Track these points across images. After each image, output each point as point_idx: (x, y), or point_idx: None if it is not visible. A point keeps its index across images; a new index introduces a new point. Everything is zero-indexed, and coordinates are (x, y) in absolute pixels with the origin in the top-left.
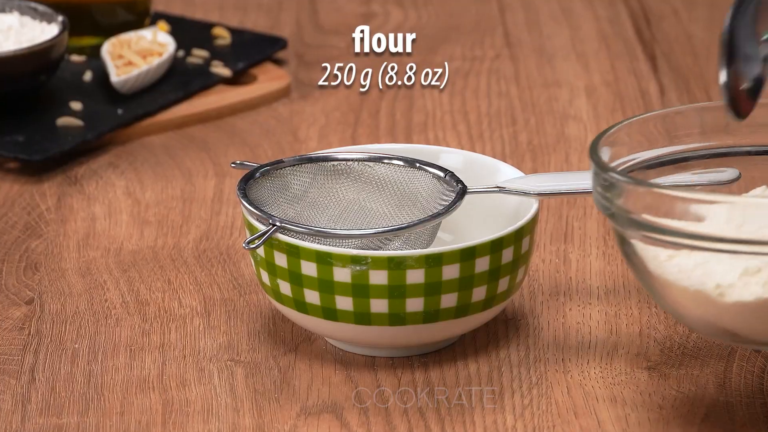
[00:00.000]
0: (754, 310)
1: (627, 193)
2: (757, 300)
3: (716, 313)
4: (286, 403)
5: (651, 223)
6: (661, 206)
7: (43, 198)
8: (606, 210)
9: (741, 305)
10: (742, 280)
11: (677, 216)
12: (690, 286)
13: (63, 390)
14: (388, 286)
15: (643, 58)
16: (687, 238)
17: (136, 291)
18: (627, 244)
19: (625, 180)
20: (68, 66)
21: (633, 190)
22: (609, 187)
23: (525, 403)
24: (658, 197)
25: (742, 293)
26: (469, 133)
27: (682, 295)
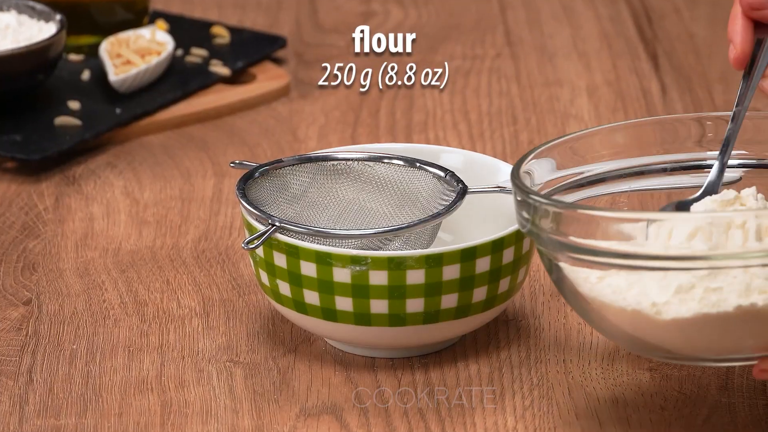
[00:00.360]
0: (692, 326)
1: (552, 216)
2: (695, 316)
3: (654, 331)
4: (285, 404)
5: (578, 245)
6: (588, 227)
7: (40, 198)
8: (532, 234)
9: (679, 322)
10: (678, 296)
11: (605, 236)
12: (626, 306)
13: (61, 391)
14: (388, 286)
15: (645, 56)
16: (616, 258)
17: (135, 291)
18: (556, 268)
19: (549, 202)
20: (66, 65)
21: (558, 213)
22: (533, 211)
23: (526, 404)
24: (584, 218)
25: (679, 310)
26: (470, 133)
27: (619, 316)
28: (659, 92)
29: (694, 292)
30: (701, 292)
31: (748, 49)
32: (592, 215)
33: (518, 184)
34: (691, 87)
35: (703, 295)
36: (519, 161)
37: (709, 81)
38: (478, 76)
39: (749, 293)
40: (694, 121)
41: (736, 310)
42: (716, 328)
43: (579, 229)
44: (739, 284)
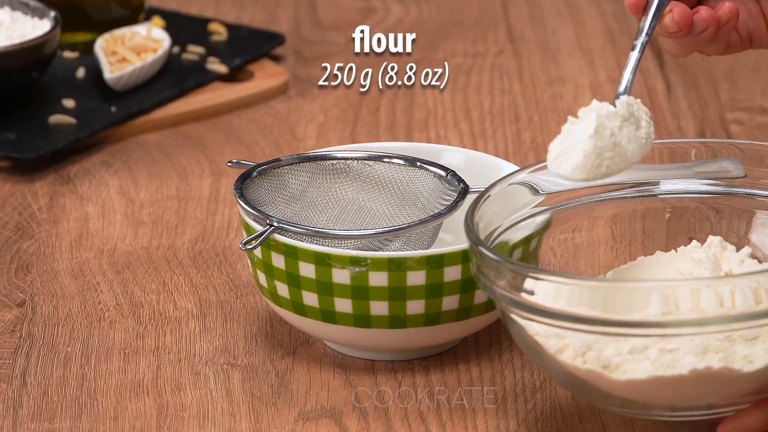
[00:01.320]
0: (646, 387)
1: (502, 272)
2: (650, 378)
3: (609, 388)
4: (283, 407)
5: (530, 305)
6: (533, 286)
7: (35, 198)
8: (479, 281)
9: (633, 383)
10: (632, 356)
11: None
12: (580, 365)
13: (55, 394)
14: (388, 287)
15: (650, 54)
16: (568, 321)
17: (130, 293)
18: (506, 317)
19: (499, 259)
20: (60, 62)
21: (507, 270)
22: (480, 260)
23: (528, 407)
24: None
25: (633, 370)
26: (471, 131)
27: (573, 371)
28: (664, 90)
29: (648, 352)
30: (656, 353)
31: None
32: (543, 279)
33: (470, 228)
34: (697, 85)
35: (658, 356)
36: (476, 200)
37: (715, 79)
38: (479, 73)
39: (705, 354)
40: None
41: (691, 373)
42: (671, 389)
43: (528, 288)
44: (695, 346)
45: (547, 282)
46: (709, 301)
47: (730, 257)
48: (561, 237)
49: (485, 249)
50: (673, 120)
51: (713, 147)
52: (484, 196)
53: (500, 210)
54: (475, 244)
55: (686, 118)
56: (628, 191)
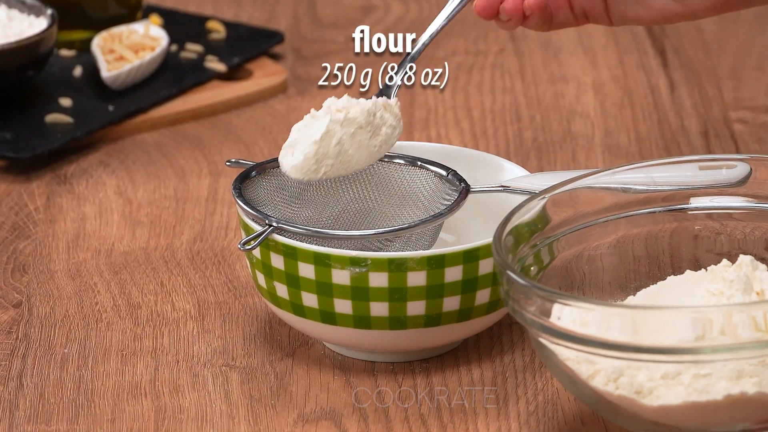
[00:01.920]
0: (679, 412)
1: (532, 298)
2: (683, 403)
3: (642, 413)
4: (282, 409)
5: (560, 331)
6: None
7: (31, 197)
8: (511, 308)
9: (666, 408)
10: (665, 382)
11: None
12: (613, 390)
13: (52, 396)
14: (388, 288)
15: (653, 52)
16: (600, 348)
17: (128, 294)
18: (538, 342)
19: (528, 284)
20: (57, 61)
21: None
22: (511, 287)
23: (530, 409)
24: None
25: (666, 396)
26: (473, 131)
27: (606, 397)
28: (667, 89)
29: (681, 377)
30: (689, 378)
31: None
32: (573, 305)
33: (498, 252)
34: (700, 83)
35: (691, 381)
36: (503, 222)
37: (719, 77)
38: (480, 72)
39: (739, 378)
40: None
41: (725, 398)
42: (705, 414)
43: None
44: (729, 371)
45: (576, 308)
46: (742, 325)
47: (762, 276)
48: (589, 254)
49: (513, 274)
50: (676, 119)
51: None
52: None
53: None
54: (503, 268)
55: (689, 117)
56: (657, 207)
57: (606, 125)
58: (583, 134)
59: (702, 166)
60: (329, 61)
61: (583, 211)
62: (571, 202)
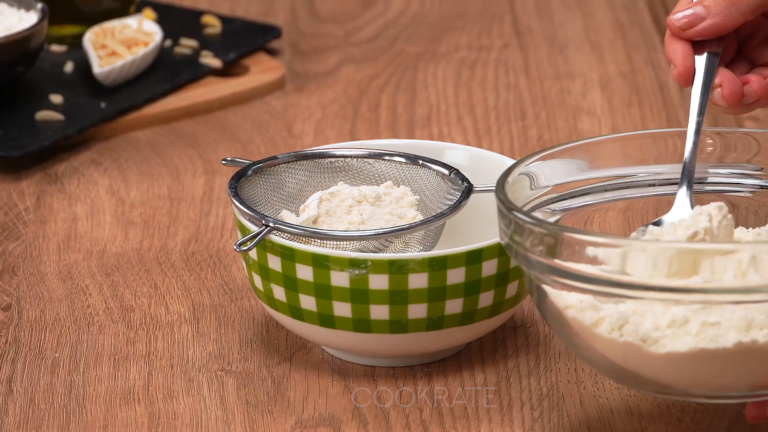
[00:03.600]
0: (688, 362)
1: (538, 237)
2: (692, 351)
3: (646, 365)
4: (280, 415)
5: (566, 270)
6: (577, 252)
7: (21, 197)
8: (511, 250)
9: (674, 356)
10: (671, 330)
11: (591, 260)
12: (617, 338)
13: (42, 402)
14: (389, 291)
15: (661, 48)
16: (607, 286)
17: (121, 296)
18: (539, 290)
19: (534, 222)
20: (48, 56)
21: (544, 234)
22: (514, 228)
23: (535, 415)
24: (574, 242)
25: (674, 344)
26: (476, 128)
27: (608, 346)
28: (676, 85)
29: (689, 326)
30: (697, 326)
31: (691, 65)
32: (583, 240)
33: (501, 197)
34: None
35: (699, 329)
36: (507, 170)
37: None
38: (484, 68)
39: (749, 330)
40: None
41: (735, 346)
42: (714, 365)
43: (567, 253)
44: (738, 320)
45: (587, 243)
46: (755, 267)
47: None
48: (591, 217)
49: (519, 213)
50: (686, 117)
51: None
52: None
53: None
54: (508, 208)
55: None
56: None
57: (613, 123)
58: (589, 132)
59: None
60: (328, 57)
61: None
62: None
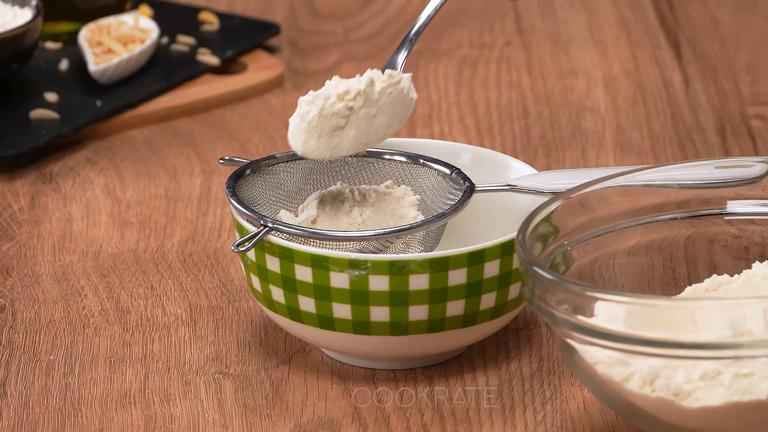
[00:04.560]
0: (722, 415)
1: (562, 295)
2: (726, 404)
3: (682, 418)
4: (278, 419)
5: (593, 328)
6: (591, 308)
7: (15, 197)
8: (537, 308)
9: (707, 410)
10: (704, 383)
11: (614, 319)
12: (650, 393)
13: (37, 405)
14: (389, 292)
15: (666, 45)
16: (635, 345)
17: (117, 298)
18: (566, 345)
19: (558, 280)
20: (43, 54)
21: (568, 291)
22: (538, 285)
23: (538, 419)
24: (588, 299)
25: (707, 397)
26: (478, 127)
27: (642, 401)
28: (681, 83)
29: (722, 377)
30: (729, 378)
31: None
32: (607, 298)
33: (523, 250)
34: (716, 78)
35: (732, 381)
36: (526, 221)
37: (735, 71)
38: (486, 66)
39: None
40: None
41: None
42: (748, 416)
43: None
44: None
45: (613, 303)
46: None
47: None
48: (604, 261)
49: (541, 270)
50: (691, 115)
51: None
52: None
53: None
54: (529, 264)
55: (705, 113)
56: (675, 214)
57: (617, 122)
58: (593, 131)
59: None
60: (327, 54)
61: (599, 217)
62: (585, 206)
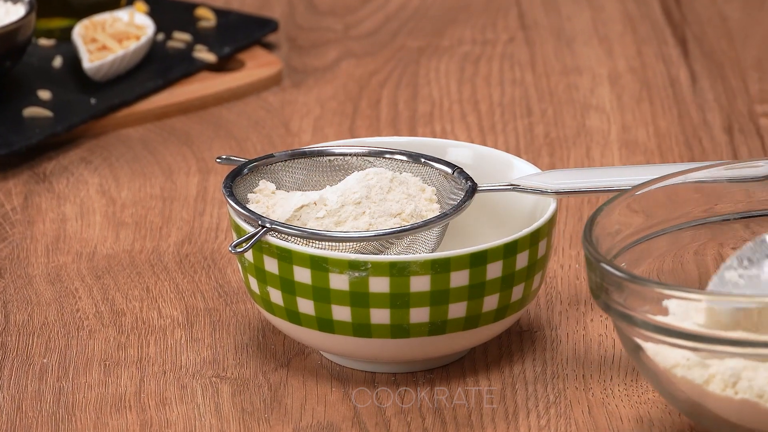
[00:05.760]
0: None
1: (637, 294)
2: None
3: (766, 421)
4: (277, 423)
5: (670, 328)
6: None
7: (8, 197)
8: (607, 308)
9: None
10: None
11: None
12: (733, 395)
13: (30, 409)
14: (389, 294)
15: (673, 41)
16: (719, 344)
17: (111, 300)
18: (636, 346)
19: (630, 278)
20: (36, 51)
21: (644, 291)
22: (609, 283)
23: (542, 423)
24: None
25: None
26: (480, 125)
27: (723, 404)
28: (688, 81)
29: None
30: None
31: None
32: (691, 297)
33: (591, 247)
34: (724, 75)
35: None
36: (594, 213)
37: (743, 68)
38: (489, 63)
39: None
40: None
41: None
42: None
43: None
44: None
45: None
46: None
47: None
48: (682, 260)
49: (613, 268)
50: (698, 113)
51: None
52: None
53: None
54: (597, 261)
55: (712, 111)
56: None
57: (623, 120)
58: (598, 129)
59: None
60: (326, 51)
61: (660, 215)
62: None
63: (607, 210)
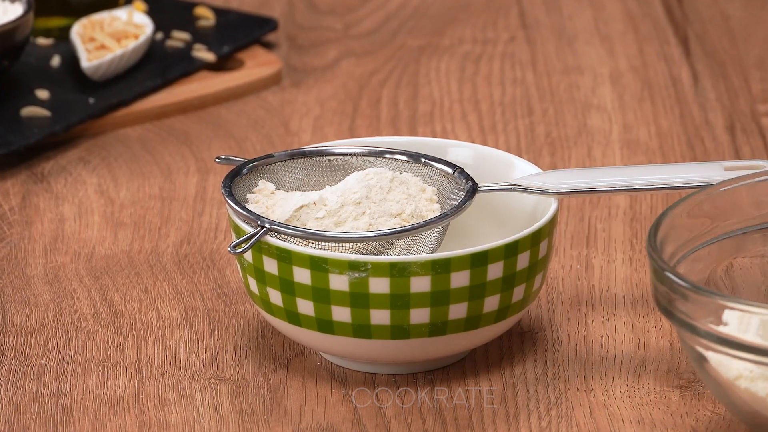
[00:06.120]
0: None
1: (702, 304)
2: None
3: None
4: (276, 425)
5: (736, 341)
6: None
7: (5, 197)
8: (671, 316)
9: None
10: None
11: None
12: None
13: (28, 411)
14: (390, 295)
15: (675, 41)
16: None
17: (110, 301)
18: (700, 356)
19: (695, 289)
20: (34, 50)
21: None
22: (674, 292)
23: (543, 425)
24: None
25: None
26: (481, 125)
27: None
28: (690, 80)
29: None
30: None
31: None
32: (756, 311)
33: (656, 256)
34: (726, 74)
35: None
36: (655, 223)
37: (746, 67)
38: (489, 62)
39: None
40: None
41: None
42: None
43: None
44: None
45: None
46: None
47: None
48: (741, 267)
49: (680, 278)
50: (700, 112)
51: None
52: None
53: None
54: (663, 270)
55: (714, 110)
56: None
57: (624, 119)
58: (599, 129)
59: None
60: (326, 50)
61: (722, 220)
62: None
63: (670, 216)
